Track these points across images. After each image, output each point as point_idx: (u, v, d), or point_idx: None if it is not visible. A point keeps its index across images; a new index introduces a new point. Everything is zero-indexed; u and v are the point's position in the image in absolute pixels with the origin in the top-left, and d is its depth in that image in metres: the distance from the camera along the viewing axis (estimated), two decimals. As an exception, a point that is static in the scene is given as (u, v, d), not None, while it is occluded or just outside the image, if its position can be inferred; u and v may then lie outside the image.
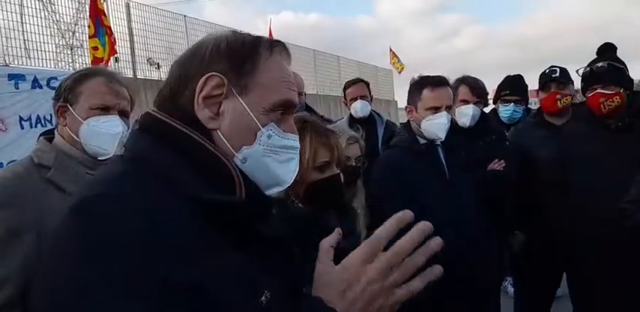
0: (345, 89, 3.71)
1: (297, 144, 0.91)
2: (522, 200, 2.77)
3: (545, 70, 2.97)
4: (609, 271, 2.44)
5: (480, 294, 2.33)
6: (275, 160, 0.86)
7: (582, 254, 2.57)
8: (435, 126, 2.34)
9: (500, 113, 3.46)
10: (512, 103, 3.39)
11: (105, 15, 6.77)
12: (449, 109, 2.37)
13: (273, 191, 0.89)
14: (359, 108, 3.49)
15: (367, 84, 3.73)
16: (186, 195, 0.75)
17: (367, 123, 3.49)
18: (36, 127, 5.52)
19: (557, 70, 2.92)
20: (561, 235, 2.61)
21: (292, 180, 0.91)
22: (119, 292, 0.65)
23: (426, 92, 2.37)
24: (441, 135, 2.36)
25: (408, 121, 2.52)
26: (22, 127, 5.50)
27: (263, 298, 0.76)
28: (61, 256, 0.69)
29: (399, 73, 17.54)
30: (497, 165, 2.67)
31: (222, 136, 0.83)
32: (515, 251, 2.87)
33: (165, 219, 0.71)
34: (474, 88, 2.92)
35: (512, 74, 3.55)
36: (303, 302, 0.76)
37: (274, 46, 0.88)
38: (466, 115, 2.85)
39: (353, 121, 3.50)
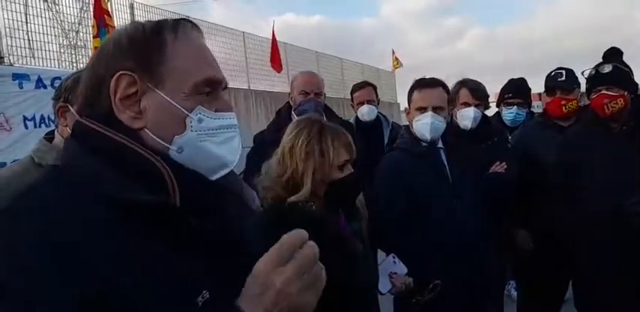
0: (352, 92, 3.72)
1: (235, 121, 0.86)
2: (526, 201, 2.76)
3: (551, 72, 2.96)
4: (613, 275, 2.43)
5: (481, 296, 2.33)
6: (213, 143, 0.82)
7: (587, 258, 2.56)
8: (421, 126, 2.37)
9: (503, 116, 3.47)
10: (515, 106, 3.40)
11: (109, 15, 6.79)
12: (439, 110, 2.37)
13: (219, 174, 0.85)
14: (366, 112, 3.52)
15: (375, 87, 3.75)
16: (110, 198, 0.72)
17: (374, 126, 3.51)
18: (40, 126, 5.54)
19: (563, 73, 2.91)
20: (565, 238, 2.60)
21: (237, 159, 0.87)
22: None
23: (416, 93, 2.43)
24: (427, 135, 2.36)
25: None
26: (27, 127, 5.52)
27: (200, 298, 0.73)
28: None
29: (394, 70, 17.66)
30: (499, 167, 2.67)
31: (150, 133, 0.79)
32: (522, 249, 2.85)
33: (83, 227, 0.69)
34: (475, 90, 2.92)
35: (515, 77, 3.56)
36: None
37: (178, 25, 0.84)
38: (467, 117, 2.86)
39: (360, 124, 3.53)
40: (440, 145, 2.44)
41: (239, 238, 0.84)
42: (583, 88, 2.88)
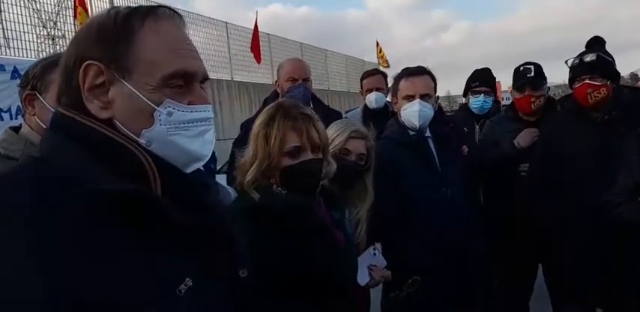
0: (362, 79, 3.70)
1: (209, 114, 0.84)
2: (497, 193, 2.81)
3: (519, 67, 2.96)
4: (593, 266, 2.45)
5: (470, 283, 2.33)
6: (185, 136, 0.80)
7: (565, 248, 2.57)
8: (410, 114, 2.37)
9: (470, 105, 3.53)
10: (482, 94, 3.46)
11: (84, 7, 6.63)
12: (426, 97, 2.37)
13: (193, 167, 0.84)
14: (373, 100, 3.50)
15: (385, 76, 3.72)
16: (92, 190, 0.71)
17: (382, 113, 3.47)
18: (16, 118, 5.42)
19: (532, 68, 2.91)
20: (540, 229, 2.62)
21: (211, 152, 0.85)
22: None
23: (403, 82, 2.43)
24: (415, 122, 2.36)
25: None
26: (2, 119, 5.41)
27: (182, 285, 0.73)
28: None
29: (384, 66, 17.64)
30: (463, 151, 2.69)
31: (119, 124, 0.78)
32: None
33: (67, 228, 0.67)
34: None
35: (479, 68, 3.65)
36: None
37: (149, 14, 0.80)
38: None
39: (367, 112, 3.50)
40: (427, 134, 2.44)
41: (216, 226, 0.83)
42: (563, 79, 2.91)
